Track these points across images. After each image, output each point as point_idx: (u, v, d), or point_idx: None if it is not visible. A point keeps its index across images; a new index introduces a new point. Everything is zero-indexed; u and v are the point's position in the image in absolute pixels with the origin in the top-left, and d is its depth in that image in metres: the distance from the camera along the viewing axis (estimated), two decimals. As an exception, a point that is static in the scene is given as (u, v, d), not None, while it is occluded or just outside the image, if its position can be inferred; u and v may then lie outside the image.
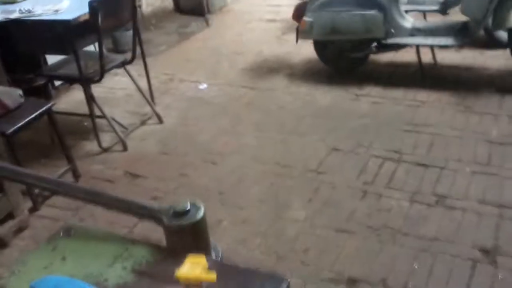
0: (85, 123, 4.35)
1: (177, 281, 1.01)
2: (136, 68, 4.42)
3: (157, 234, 1.24)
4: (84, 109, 4.07)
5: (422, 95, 4.35)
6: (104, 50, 3.86)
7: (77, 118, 4.39)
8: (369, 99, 4.40)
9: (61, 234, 1.25)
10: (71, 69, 3.91)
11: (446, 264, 2.65)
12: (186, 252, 1.04)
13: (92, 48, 4.55)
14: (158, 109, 4.43)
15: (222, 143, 3.97)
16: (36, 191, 3.32)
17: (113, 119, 4.15)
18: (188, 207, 1.13)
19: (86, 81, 3.85)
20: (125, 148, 3.98)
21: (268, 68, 5.23)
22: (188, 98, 4.79)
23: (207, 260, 1.02)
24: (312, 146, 3.78)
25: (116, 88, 5.02)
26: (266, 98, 4.62)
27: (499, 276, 2.54)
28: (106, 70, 3.89)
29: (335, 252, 2.78)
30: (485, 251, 2.70)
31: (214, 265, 1.05)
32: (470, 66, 4.77)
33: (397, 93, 4.43)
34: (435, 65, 4.73)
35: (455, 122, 3.93)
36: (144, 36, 5.01)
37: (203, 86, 4.98)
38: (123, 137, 4.03)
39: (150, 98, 4.47)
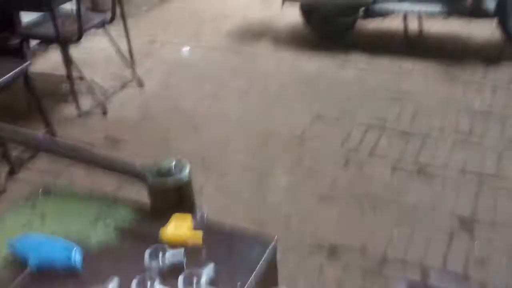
0: (63, 86, 4.26)
1: (161, 240, 1.01)
2: (116, 29, 4.31)
3: (140, 198, 1.23)
4: (62, 72, 3.99)
5: (408, 64, 4.36)
6: (83, 9, 3.75)
7: (54, 80, 4.30)
8: (355, 67, 4.39)
9: (40, 193, 1.23)
10: (48, 28, 3.80)
11: (425, 232, 2.72)
12: (171, 212, 1.03)
13: (69, 7, 4.41)
14: (139, 72, 4.36)
15: (205, 109, 3.95)
16: (14, 154, 3.28)
17: (93, 82, 4.08)
18: (173, 166, 1.12)
19: (63, 41, 3.76)
20: (105, 112, 3.93)
21: (252, 33, 5.16)
22: (170, 61, 4.71)
23: (193, 220, 1.02)
24: (297, 113, 3.79)
25: (95, 50, 4.89)
26: (250, 64, 4.58)
27: (475, 243, 2.62)
28: (85, 30, 3.79)
29: (317, 219, 2.83)
30: (463, 220, 2.78)
31: (200, 225, 1.05)
32: (456, 35, 4.77)
33: (383, 61, 4.43)
34: (421, 34, 4.72)
35: (439, 91, 3.96)
36: (125, -4, 4.86)
37: (186, 49, 4.90)
38: (103, 101, 3.97)
39: (130, 60, 4.39)
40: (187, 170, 1.13)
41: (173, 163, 1.13)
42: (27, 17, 4.22)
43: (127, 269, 0.98)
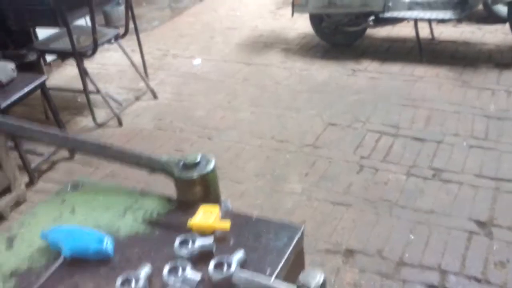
0: (79, 99, 4.37)
1: (189, 230, 1.04)
2: (129, 44, 4.42)
3: (166, 191, 1.27)
4: (77, 85, 4.08)
5: (420, 70, 4.40)
6: (97, 24, 3.86)
7: (70, 94, 4.40)
8: (366, 74, 4.44)
9: (69, 188, 1.28)
10: (64, 43, 3.92)
11: (442, 236, 2.73)
12: (197, 204, 1.07)
13: (83, 22, 4.54)
14: (152, 84, 4.45)
15: (218, 118, 4.01)
16: (33, 165, 3.36)
17: (107, 95, 4.17)
18: (198, 159, 1.17)
19: (79, 55, 3.86)
20: (120, 124, 4.01)
21: (263, 44, 5.24)
22: (182, 73, 4.80)
23: (220, 210, 1.06)
24: (309, 121, 3.83)
25: (109, 64, 5.01)
26: (261, 74, 4.65)
27: (494, 247, 2.63)
28: (99, 44, 3.89)
29: (332, 224, 2.85)
30: (480, 223, 2.78)
31: (227, 215, 1.09)
32: (468, 41, 4.81)
33: (395, 68, 4.48)
34: (432, 40, 4.76)
35: (453, 97, 3.99)
36: (136, 11, 4.98)
37: (197, 61, 4.99)
38: (118, 113, 4.05)
39: (144, 73, 4.49)
40: (212, 163, 1.17)
41: (199, 157, 1.17)
42: (43, 33, 4.35)
43: (158, 257, 1.02)
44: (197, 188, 1.13)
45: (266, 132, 3.76)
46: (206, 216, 1.03)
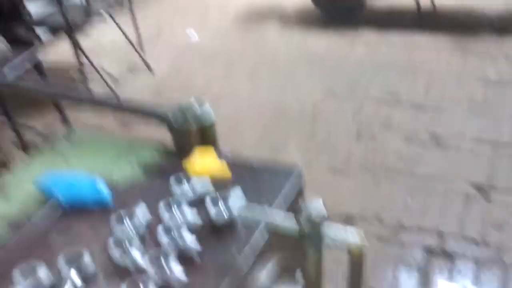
0: (74, 74, 4.35)
1: (185, 171, 1.04)
2: (123, 20, 4.39)
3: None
4: (72, 60, 4.06)
5: (420, 38, 4.37)
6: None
7: (65, 68, 4.38)
8: (365, 44, 4.42)
9: (62, 138, 1.28)
10: (56, 16, 3.89)
11: (440, 200, 2.76)
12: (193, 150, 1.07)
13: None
14: (148, 59, 4.43)
15: (216, 89, 4.01)
16: (26, 139, 3.35)
17: (103, 70, 4.16)
18: (197, 109, 1.17)
19: (71, 28, 3.83)
20: (116, 97, 4.00)
21: (259, 15, 5.20)
22: (178, 47, 4.78)
23: (217, 153, 1.06)
24: (308, 91, 3.83)
25: (104, 39, 4.97)
26: (259, 45, 4.63)
27: (492, 210, 2.66)
28: (92, 16, 3.87)
29: (332, 192, 2.88)
30: (479, 187, 2.81)
31: (224, 157, 1.09)
32: (468, 8, 4.77)
33: (394, 37, 4.45)
34: (433, 9, 4.71)
35: (452, 63, 3.98)
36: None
37: (194, 34, 4.96)
38: (113, 87, 4.04)
39: (139, 46, 4.46)
40: (210, 113, 1.18)
41: (197, 105, 1.18)
42: (34, 7, 4.30)
43: (153, 198, 1.02)
44: (195, 137, 1.14)
45: (264, 102, 3.77)
46: (202, 159, 1.03)
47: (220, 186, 1.02)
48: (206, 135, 1.17)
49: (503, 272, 2.35)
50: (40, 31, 4.56)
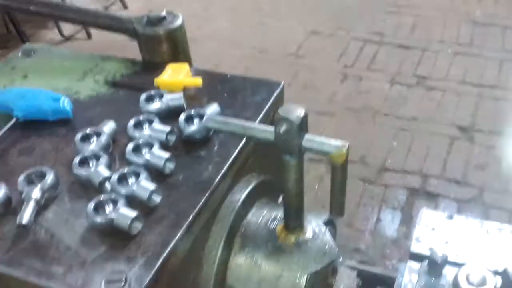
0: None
1: (156, 88, 0.97)
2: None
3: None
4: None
5: (407, -24, 4.25)
6: None
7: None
8: (351, -20, 4.29)
9: (20, 54, 1.18)
10: None
11: (425, 142, 2.76)
12: (165, 65, 1.00)
13: None
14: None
15: (194, 28, 3.86)
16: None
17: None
18: (164, 15, 1.10)
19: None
20: (89, 36, 3.85)
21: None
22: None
23: (190, 68, 0.99)
24: (291, 30, 3.73)
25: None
26: (239, -20, 4.45)
27: (475, 151, 2.68)
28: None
29: (316, 133, 2.84)
30: (462, 129, 2.82)
31: (199, 73, 1.02)
32: None
33: (381, -26, 4.32)
34: None
35: (439, 2, 3.89)
36: None
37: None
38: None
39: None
40: (179, 19, 1.10)
41: (164, 12, 1.10)
42: None
43: (122, 115, 0.96)
44: (164, 45, 1.06)
45: (245, 41, 3.66)
46: (175, 74, 0.95)
47: (195, 101, 0.95)
48: (176, 44, 1.09)
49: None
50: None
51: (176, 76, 0.94)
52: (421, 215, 1.08)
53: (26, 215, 0.78)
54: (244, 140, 0.90)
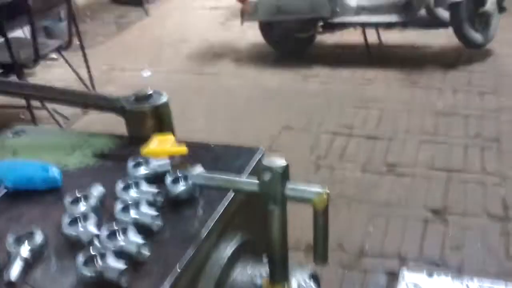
0: (22, 116, 4.27)
1: (143, 156, 1.02)
2: (74, 60, 4.40)
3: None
4: (20, 101, 4.00)
5: (370, 74, 4.60)
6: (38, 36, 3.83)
7: (13, 111, 4.29)
8: (318, 80, 4.60)
9: (9, 134, 1.23)
10: (2, 56, 3.84)
11: (400, 225, 2.84)
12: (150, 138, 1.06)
13: (23, 35, 4.49)
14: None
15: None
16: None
17: (53, 110, 4.11)
18: (150, 92, 1.19)
19: (19, 67, 3.80)
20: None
21: (214, 54, 5.34)
22: (132, 86, 4.72)
23: (175, 139, 1.05)
24: (264, 126, 3.91)
25: (54, 80, 4.93)
26: (213, 83, 4.72)
27: (449, 233, 2.75)
28: (41, 55, 3.85)
29: (292, 222, 2.88)
30: (435, 211, 2.91)
31: (184, 142, 1.08)
32: (414, 44, 5.09)
33: (346, 73, 4.66)
34: (380, 45, 4.99)
35: (402, 96, 4.19)
36: (81, 28, 4.98)
37: (147, 73, 5.02)
38: (65, 128, 3.98)
39: (91, 87, 4.46)
40: (164, 97, 1.19)
41: (150, 90, 1.20)
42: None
43: (111, 181, 1.00)
44: (150, 121, 1.14)
45: (220, 139, 3.75)
46: (161, 143, 1.02)
47: (180, 167, 1.01)
48: (161, 119, 1.18)
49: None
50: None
51: (162, 146, 1.02)
52: (402, 275, 1.12)
53: (13, 273, 0.79)
54: (229, 200, 0.96)
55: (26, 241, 0.85)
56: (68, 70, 4.23)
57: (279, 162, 0.85)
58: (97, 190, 0.97)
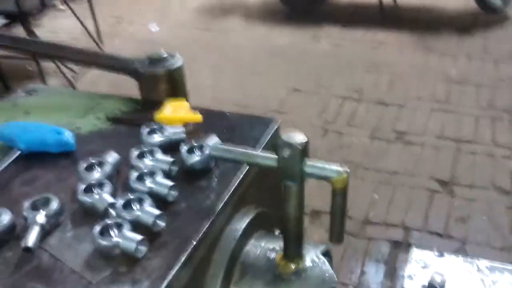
0: (29, 67, 4.23)
1: (157, 122, 1.01)
2: (80, 11, 4.31)
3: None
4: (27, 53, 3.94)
5: (382, 36, 4.50)
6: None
7: (19, 61, 4.25)
8: (329, 40, 4.51)
9: (21, 93, 1.22)
10: (7, 3, 3.77)
11: (406, 195, 2.84)
12: (163, 102, 1.05)
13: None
14: (107, 51, 4.35)
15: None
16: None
17: (61, 63, 4.06)
18: (165, 55, 1.16)
19: (25, 16, 3.73)
20: (73, 87, 3.91)
21: (222, 9, 5.22)
22: (139, 40, 4.72)
23: (189, 104, 1.04)
24: (272, 87, 3.86)
25: (60, 30, 4.87)
26: (221, 39, 4.64)
27: (455, 204, 2.76)
28: (47, 3, 3.78)
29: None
30: (442, 182, 2.91)
31: (197, 109, 1.07)
32: (429, 6, 4.95)
33: (357, 34, 4.57)
34: (395, 6, 4.85)
35: (414, 61, 4.11)
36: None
37: (155, 27, 4.93)
38: (72, 80, 3.95)
39: (98, 39, 4.39)
40: (179, 60, 1.17)
41: (164, 52, 1.17)
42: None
43: (125, 147, 0.99)
44: (163, 85, 1.12)
45: (228, 98, 3.76)
46: (175, 110, 1.01)
47: (195, 135, 1.00)
48: (175, 84, 1.15)
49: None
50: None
51: (177, 112, 1.00)
52: (412, 253, 1.12)
53: (31, 239, 0.80)
54: (244, 171, 0.95)
55: (43, 207, 0.85)
56: (75, 22, 4.15)
57: (299, 137, 0.83)
58: (111, 157, 0.95)
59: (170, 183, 0.88)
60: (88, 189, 0.88)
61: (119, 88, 3.95)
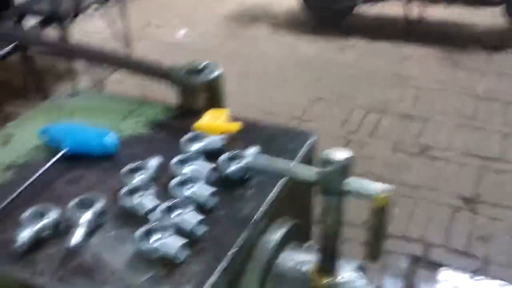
0: (60, 66, 4.32)
1: (197, 131, 1.03)
2: (112, 14, 4.39)
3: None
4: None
5: (408, 50, 4.48)
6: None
7: (52, 59, 4.33)
8: (354, 51, 4.51)
9: (64, 95, 1.25)
10: (44, 5, 3.85)
11: (427, 210, 2.82)
12: (202, 112, 1.07)
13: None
14: (134, 54, 4.42)
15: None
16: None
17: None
18: (203, 66, 1.18)
19: (60, 18, 3.81)
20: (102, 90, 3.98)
21: (250, 17, 5.26)
22: (166, 44, 4.78)
23: (228, 114, 1.06)
24: (296, 95, 3.88)
25: (91, 33, 4.95)
26: (248, 47, 4.67)
27: (478, 222, 2.72)
28: (82, 8, 3.86)
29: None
30: (465, 199, 2.88)
31: (235, 119, 1.09)
32: (458, 22, 4.92)
33: (383, 47, 4.56)
34: (422, 20, 4.83)
35: (441, 76, 4.09)
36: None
37: (182, 32, 4.98)
38: (101, 79, 4.02)
39: (127, 42, 4.46)
40: (218, 71, 1.18)
41: (203, 63, 1.19)
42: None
43: (165, 153, 1.02)
44: (202, 95, 1.14)
45: (253, 104, 3.78)
46: (214, 119, 1.02)
47: (234, 145, 1.02)
48: (213, 94, 1.17)
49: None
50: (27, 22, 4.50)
51: (215, 121, 1.01)
52: (441, 274, 1.11)
53: (76, 238, 0.82)
54: (282, 183, 0.96)
55: (87, 208, 0.88)
56: (105, 24, 4.22)
57: (342, 154, 0.84)
58: (154, 162, 0.98)
59: (210, 189, 0.90)
60: (131, 193, 0.90)
61: (145, 88, 4.01)
